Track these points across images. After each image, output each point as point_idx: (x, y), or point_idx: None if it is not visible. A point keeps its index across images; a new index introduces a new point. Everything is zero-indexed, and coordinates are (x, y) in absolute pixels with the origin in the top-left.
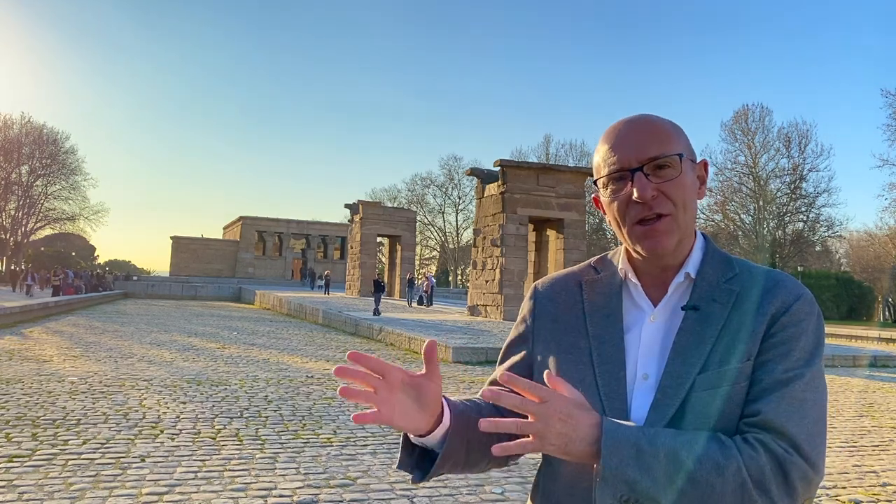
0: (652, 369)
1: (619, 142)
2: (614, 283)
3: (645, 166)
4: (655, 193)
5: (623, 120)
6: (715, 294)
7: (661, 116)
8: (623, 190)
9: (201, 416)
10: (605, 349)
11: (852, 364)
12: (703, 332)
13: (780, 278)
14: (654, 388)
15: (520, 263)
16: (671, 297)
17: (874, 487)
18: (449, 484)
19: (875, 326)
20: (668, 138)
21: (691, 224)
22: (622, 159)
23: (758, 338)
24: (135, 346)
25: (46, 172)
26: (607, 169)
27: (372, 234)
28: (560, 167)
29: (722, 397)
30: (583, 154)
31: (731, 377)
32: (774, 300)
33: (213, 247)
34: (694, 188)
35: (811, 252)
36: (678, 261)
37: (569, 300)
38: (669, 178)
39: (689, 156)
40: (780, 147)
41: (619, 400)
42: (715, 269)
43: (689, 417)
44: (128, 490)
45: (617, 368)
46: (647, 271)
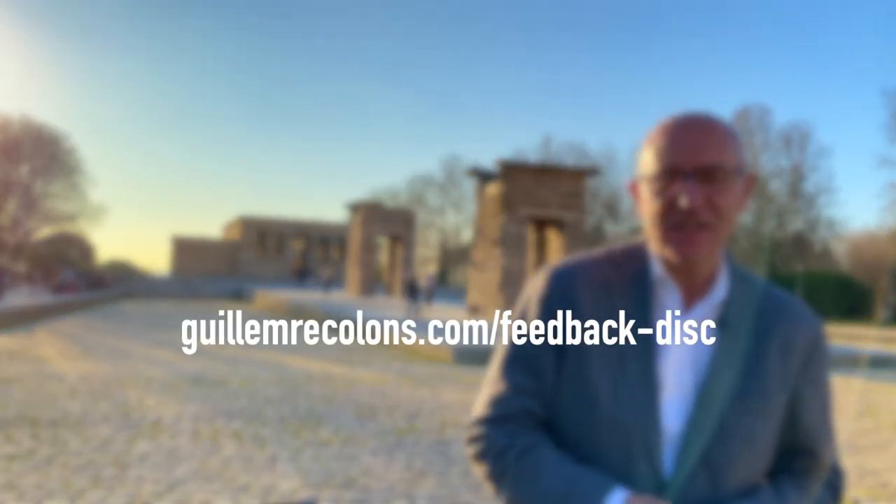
0: (682, 381)
1: (676, 138)
2: (644, 281)
3: (698, 172)
4: (704, 202)
5: (684, 114)
6: (747, 314)
7: (721, 118)
8: (668, 190)
9: (201, 416)
10: (635, 353)
11: (852, 364)
12: (735, 354)
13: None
14: (685, 403)
15: (520, 263)
16: (704, 308)
17: (874, 487)
18: (449, 483)
19: (875, 326)
20: (726, 145)
21: (727, 237)
22: (676, 159)
23: (792, 371)
24: (135, 346)
25: (46, 172)
26: (658, 165)
27: (372, 234)
28: (560, 167)
29: (764, 427)
30: (583, 154)
31: (773, 408)
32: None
33: (213, 247)
34: (740, 201)
35: (811, 252)
36: (705, 273)
37: (593, 295)
38: (720, 188)
39: (743, 166)
40: (780, 147)
41: (652, 411)
42: (744, 287)
43: (729, 442)
44: (128, 490)
45: (648, 375)
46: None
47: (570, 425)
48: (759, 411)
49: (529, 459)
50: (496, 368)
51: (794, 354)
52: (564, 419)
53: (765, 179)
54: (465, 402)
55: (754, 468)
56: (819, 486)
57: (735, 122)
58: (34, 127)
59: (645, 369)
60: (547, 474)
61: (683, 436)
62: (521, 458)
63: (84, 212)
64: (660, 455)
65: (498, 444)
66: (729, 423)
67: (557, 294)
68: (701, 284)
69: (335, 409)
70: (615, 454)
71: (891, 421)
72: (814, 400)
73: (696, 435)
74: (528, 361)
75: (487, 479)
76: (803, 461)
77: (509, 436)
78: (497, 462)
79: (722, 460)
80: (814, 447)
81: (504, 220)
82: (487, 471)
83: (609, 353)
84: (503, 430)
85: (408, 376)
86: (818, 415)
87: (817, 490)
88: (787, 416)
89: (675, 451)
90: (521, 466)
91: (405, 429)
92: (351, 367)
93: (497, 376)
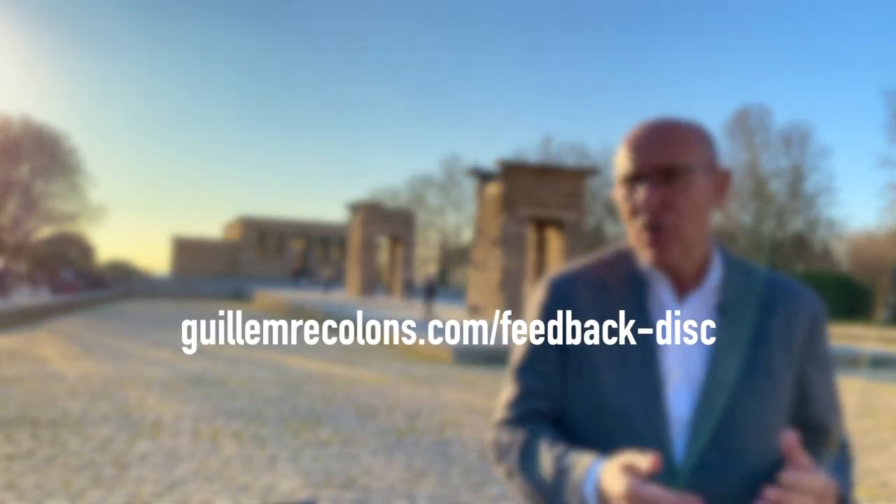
0: (686, 369)
1: (635, 143)
2: (636, 278)
3: (655, 174)
4: (660, 202)
5: (646, 121)
6: (744, 298)
7: (685, 120)
8: (633, 194)
9: (201, 416)
10: (636, 346)
11: (852, 364)
12: (737, 337)
13: (799, 287)
14: (691, 389)
15: (520, 263)
16: (698, 297)
17: (874, 487)
18: (449, 483)
19: (875, 326)
20: (684, 145)
21: (702, 234)
22: (635, 162)
23: (793, 348)
24: (135, 346)
25: (46, 172)
26: (621, 170)
27: (372, 235)
28: (560, 167)
29: (772, 408)
30: (583, 154)
31: (780, 387)
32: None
33: (213, 247)
34: (707, 198)
35: (811, 252)
36: (695, 267)
37: (591, 296)
38: (679, 188)
39: (707, 164)
40: (780, 147)
41: (657, 399)
42: (738, 274)
43: (739, 424)
44: (128, 490)
45: (651, 365)
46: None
47: (580, 421)
48: (766, 392)
49: (527, 451)
50: (508, 373)
51: (796, 332)
52: (574, 416)
53: (765, 179)
54: (465, 402)
55: (767, 449)
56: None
57: (735, 122)
58: (34, 127)
59: (647, 360)
60: (539, 462)
61: (692, 421)
62: (522, 451)
63: (84, 212)
64: (669, 441)
65: (504, 443)
66: (737, 405)
67: (557, 298)
68: (692, 275)
69: (335, 409)
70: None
71: (891, 421)
72: (819, 376)
73: (704, 420)
74: (536, 364)
75: (506, 478)
76: (814, 436)
77: (513, 433)
78: (507, 460)
79: (733, 443)
80: (823, 422)
81: (504, 220)
82: (504, 470)
83: (611, 349)
84: (510, 430)
85: (408, 376)
86: (825, 390)
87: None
88: (796, 393)
89: (685, 437)
90: (523, 459)
91: (405, 429)
92: (351, 367)
93: (509, 380)
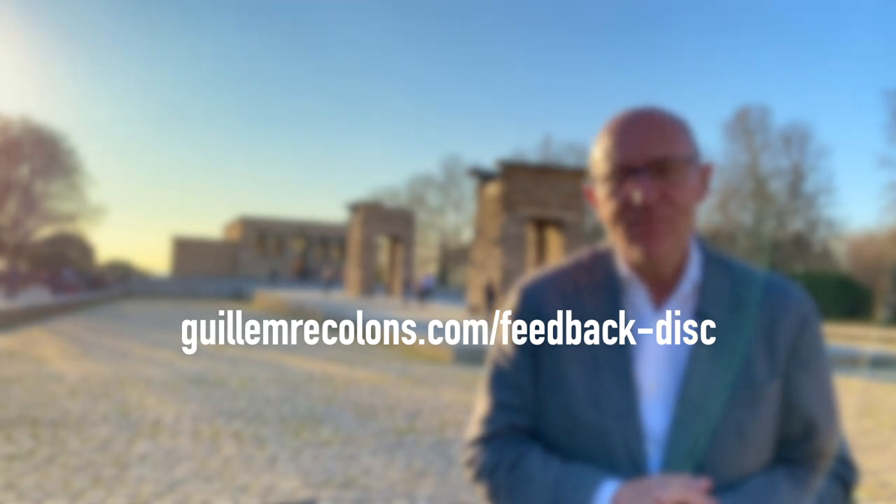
0: (664, 378)
1: (623, 136)
2: (612, 284)
3: (650, 167)
4: (658, 197)
5: (629, 111)
6: (724, 302)
7: (668, 110)
8: (622, 189)
9: (201, 416)
10: (610, 355)
11: (852, 364)
12: (719, 343)
13: (784, 286)
14: (670, 400)
15: (520, 263)
16: (676, 302)
17: (874, 487)
18: (449, 483)
19: (875, 326)
20: (676, 137)
21: (690, 229)
22: (626, 157)
23: (779, 353)
24: (135, 346)
25: (46, 172)
26: (609, 165)
27: (372, 234)
28: (560, 167)
29: (755, 419)
30: (583, 154)
31: (763, 398)
32: (789, 312)
33: (213, 247)
34: (696, 192)
35: (811, 252)
36: (674, 266)
37: (564, 304)
38: (674, 181)
39: (696, 156)
40: (780, 147)
41: (631, 413)
42: (719, 274)
43: (718, 438)
44: (128, 490)
45: (625, 376)
46: (643, 274)
47: (553, 434)
48: (747, 402)
49: (518, 471)
50: (481, 387)
51: (780, 338)
52: (547, 428)
53: (765, 179)
54: (465, 402)
55: (749, 463)
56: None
57: (735, 122)
58: (34, 127)
59: (620, 371)
60: (536, 482)
61: (668, 435)
62: (511, 471)
63: (84, 212)
64: (643, 456)
65: (488, 462)
66: (716, 417)
67: (528, 307)
68: (669, 279)
69: (335, 409)
70: (597, 459)
71: (891, 421)
72: (809, 384)
73: (681, 433)
74: (508, 377)
75: (487, 499)
76: (802, 450)
77: (497, 452)
78: (491, 480)
79: (712, 457)
80: (812, 434)
81: (504, 220)
82: (485, 490)
83: (583, 358)
84: (492, 448)
85: (408, 376)
86: (816, 400)
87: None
88: (783, 404)
89: (662, 451)
90: (512, 479)
91: (405, 429)
92: (351, 367)
93: (482, 395)
